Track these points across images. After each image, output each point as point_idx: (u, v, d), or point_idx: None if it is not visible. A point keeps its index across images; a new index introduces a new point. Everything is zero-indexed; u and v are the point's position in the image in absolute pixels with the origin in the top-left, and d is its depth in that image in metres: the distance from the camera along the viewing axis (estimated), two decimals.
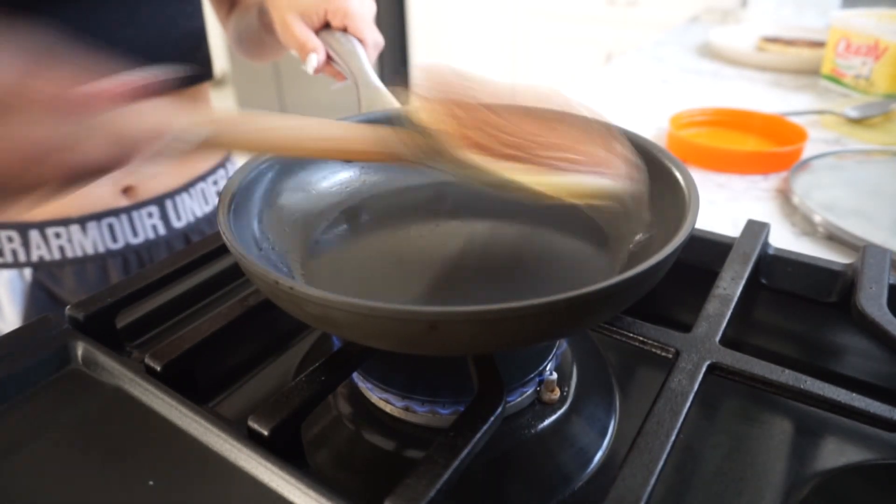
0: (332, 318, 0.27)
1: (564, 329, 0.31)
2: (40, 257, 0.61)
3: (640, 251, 0.35)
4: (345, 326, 0.28)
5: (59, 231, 0.61)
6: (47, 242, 0.61)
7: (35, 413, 0.33)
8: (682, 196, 0.34)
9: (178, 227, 0.68)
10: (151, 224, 0.65)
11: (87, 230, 0.61)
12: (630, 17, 2.36)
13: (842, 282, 0.42)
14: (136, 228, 0.64)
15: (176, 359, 0.34)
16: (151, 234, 0.66)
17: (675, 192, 0.34)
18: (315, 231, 0.40)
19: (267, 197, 0.38)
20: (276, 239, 0.37)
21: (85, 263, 0.62)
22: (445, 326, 0.25)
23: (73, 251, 0.62)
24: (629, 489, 0.26)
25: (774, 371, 0.33)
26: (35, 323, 0.37)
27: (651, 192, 0.37)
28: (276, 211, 0.38)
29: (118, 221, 0.63)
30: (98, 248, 0.63)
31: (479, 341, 0.27)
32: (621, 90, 0.97)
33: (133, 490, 0.28)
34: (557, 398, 0.36)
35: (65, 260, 0.62)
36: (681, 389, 0.31)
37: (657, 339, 0.35)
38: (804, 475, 0.34)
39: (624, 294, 0.28)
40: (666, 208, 0.35)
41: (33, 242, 0.61)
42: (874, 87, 0.89)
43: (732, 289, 0.39)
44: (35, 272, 0.62)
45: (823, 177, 0.65)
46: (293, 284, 0.27)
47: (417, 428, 0.35)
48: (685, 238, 0.29)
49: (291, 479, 0.27)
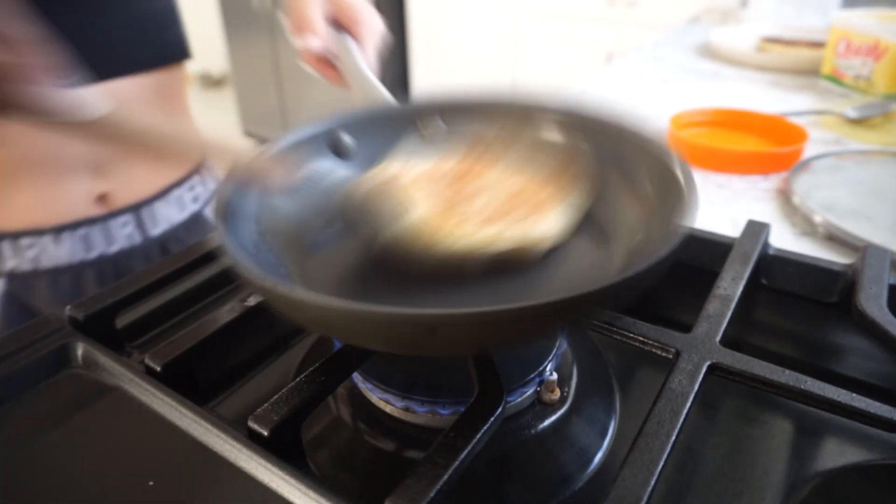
0: (330, 323, 0.27)
1: (563, 327, 0.31)
2: (12, 268, 0.60)
3: (639, 250, 0.35)
4: (343, 330, 0.28)
5: (32, 241, 0.59)
6: (20, 253, 0.59)
7: (35, 413, 0.33)
8: (681, 195, 0.34)
9: (154, 235, 0.66)
10: (127, 233, 0.64)
11: (61, 240, 0.60)
12: (630, 18, 2.36)
13: (842, 282, 0.42)
14: (112, 237, 0.62)
15: (176, 359, 0.34)
16: (126, 244, 0.64)
17: (674, 191, 0.34)
18: (312, 231, 0.40)
19: (262, 199, 0.38)
20: (273, 240, 0.37)
21: (58, 274, 0.61)
22: (445, 329, 0.25)
23: (46, 262, 0.60)
24: (629, 489, 0.26)
25: (775, 371, 0.33)
26: (35, 323, 0.37)
27: (651, 190, 0.37)
28: (273, 212, 0.38)
29: (93, 231, 0.61)
30: (72, 258, 0.61)
31: (479, 342, 0.27)
32: (621, 90, 0.97)
33: (133, 490, 0.28)
34: (557, 398, 0.36)
35: (38, 271, 0.60)
36: (681, 390, 0.31)
37: (657, 340, 0.35)
38: (804, 475, 0.34)
39: (620, 295, 0.28)
40: (665, 208, 0.35)
41: (6, 253, 0.59)
42: (874, 87, 0.89)
43: (733, 289, 0.39)
44: (8, 283, 0.60)
45: (823, 177, 0.65)
46: (289, 289, 0.26)
47: (417, 428, 0.35)
48: (680, 238, 0.29)
49: (291, 479, 0.27)
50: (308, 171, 0.42)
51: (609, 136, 0.41)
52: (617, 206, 0.39)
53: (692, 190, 0.33)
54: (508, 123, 0.44)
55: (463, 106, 0.45)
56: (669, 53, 1.16)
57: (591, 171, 0.40)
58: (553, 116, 0.43)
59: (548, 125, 0.43)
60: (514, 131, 0.44)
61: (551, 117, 0.43)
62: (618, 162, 0.40)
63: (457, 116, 0.45)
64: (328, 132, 0.43)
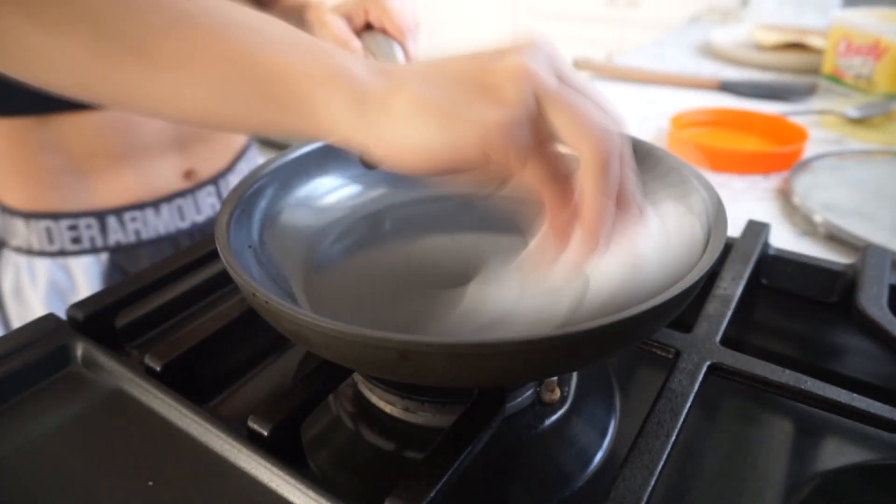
0: (304, 337, 0.27)
1: (553, 369, 0.29)
2: (117, 241, 0.67)
3: (659, 280, 0.34)
4: (319, 346, 0.27)
5: (135, 215, 0.67)
6: (124, 227, 0.67)
7: (35, 413, 0.33)
8: (707, 213, 0.33)
9: None
10: (210, 202, 0.73)
11: (160, 212, 0.68)
12: (630, 17, 2.36)
13: (842, 282, 0.42)
14: (200, 207, 0.72)
15: (176, 359, 0.34)
16: (211, 212, 0.73)
17: (700, 209, 0.34)
18: (319, 246, 0.40)
19: (268, 211, 0.38)
20: (276, 253, 0.36)
21: (160, 243, 0.69)
22: (416, 357, 0.24)
23: (147, 233, 0.68)
24: (629, 489, 0.26)
25: (775, 371, 0.33)
26: (35, 323, 0.37)
27: (673, 214, 0.36)
28: (278, 226, 0.38)
29: (185, 202, 0.70)
30: (169, 228, 0.69)
31: (456, 375, 0.26)
32: (622, 90, 0.97)
33: (133, 490, 0.28)
34: (557, 398, 0.36)
35: (140, 242, 0.68)
36: (681, 390, 0.31)
37: (657, 340, 0.35)
38: (804, 475, 0.34)
39: (643, 325, 0.26)
40: (691, 235, 0.34)
41: (111, 228, 0.66)
42: (875, 86, 0.89)
43: (733, 289, 0.39)
44: (112, 255, 0.67)
45: (824, 177, 0.65)
46: (269, 298, 0.26)
47: (417, 428, 0.35)
48: (713, 260, 0.28)
49: (291, 479, 0.27)
50: (314, 187, 0.42)
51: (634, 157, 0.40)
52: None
53: (721, 216, 0.32)
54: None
55: None
56: (669, 53, 1.16)
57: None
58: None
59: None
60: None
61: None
62: (643, 184, 0.39)
63: None
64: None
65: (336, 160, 0.43)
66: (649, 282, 0.29)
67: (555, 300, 0.29)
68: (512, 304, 0.30)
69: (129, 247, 0.67)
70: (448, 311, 0.32)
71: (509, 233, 0.41)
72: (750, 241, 0.44)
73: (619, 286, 0.28)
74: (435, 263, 0.38)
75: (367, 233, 0.41)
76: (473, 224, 0.43)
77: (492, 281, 0.32)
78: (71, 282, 0.66)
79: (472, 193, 0.32)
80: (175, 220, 0.70)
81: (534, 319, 0.29)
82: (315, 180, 0.42)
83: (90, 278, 0.66)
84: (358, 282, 0.37)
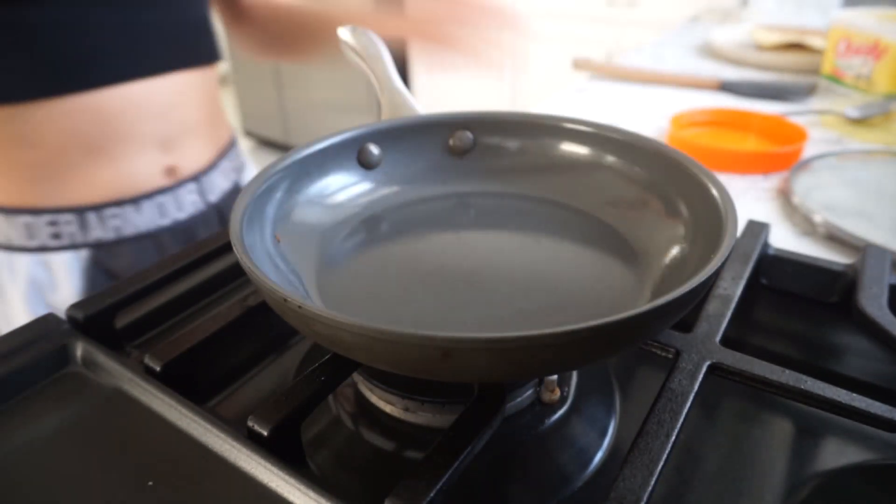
0: (340, 339, 0.26)
1: (588, 358, 0.29)
2: (98, 238, 0.66)
3: (676, 268, 0.35)
4: (354, 348, 0.27)
5: (115, 212, 0.66)
6: (104, 223, 0.66)
7: (35, 413, 0.33)
8: (717, 211, 0.33)
9: (213, 202, 0.75)
10: (192, 200, 0.72)
11: (141, 209, 0.68)
12: (630, 18, 2.36)
13: (842, 282, 0.42)
14: (181, 204, 0.71)
15: (175, 359, 0.34)
16: (193, 210, 0.73)
17: (709, 207, 0.34)
18: (330, 244, 0.40)
19: (279, 210, 0.38)
20: (288, 252, 0.36)
21: (140, 240, 0.68)
22: (460, 354, 0.24)
23: (127, 230, 0.67)
24: (629, 489, 0.26)
25: (775, 371, 0.33)
26: (35, 323, 0.37)
27: (684, 205, 0.36)
28: (290, 224, 0.38)
29: (166, 199, 0.70)
30: (150, 225, 0.69)
31: (496, 370, 0.26)
32: (621, 90, 0.97)
33: (133, 490, 0.28)
34: (557, 398, 0.36)
35: (121, 239, 0.67)
36: (681, 390, 0.31)
37: (657, 339, 0.35)
38: (804, 475, 0.34)
39: (653, 322, 0.27)
40: (700, 222, 0.35)
41: (91, 224, 0.65)
42: (875, 86, 0.89)
43: (733, 289, 0.39)
44: (93, 252, 0.66)
45: (824, 177, 0.65)
46: (302, 303, 0.26)
47: (417, 428, 0.35)
48: (724, 258, 0.28)
49: (291, 479, 0.27)
50: (324, 184, 0.42)
51: (641, 154, 0.41)
52: (650, 227, 0.38)
53: (730, 206, 0.32)
54: (535, 137, 0.45)
55: (491, 120, 0.46)
56: (669, 53, 1.16)
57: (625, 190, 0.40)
58: (580, 132, 0.44)
59: (574, 140, 0.44)
60: (539, 144, 0.45)
61: (578, 132, 0.44)
62: (652, 182, 0.40)
63: (484, 129, 0.46)
64: (356, 140, 0.43)
65: (342, 159, 0.43)
66: None
67: None
68: None
69: (110, 244, 0.67)
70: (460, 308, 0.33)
71: (511, 230, 0.42)
72: (750, 241, 0.44)
73: None
74: (441, 261, 0.39)
75: (373, 231, 0.42)
76: (476, 221, 0.43)
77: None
78: (51, 278, 0.66)
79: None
80: (156, 218, 0.69)
81: None
82: (325, 177, 0.42)
83: (70, 275, 0.66)
84: (367, 279, 0.37)
